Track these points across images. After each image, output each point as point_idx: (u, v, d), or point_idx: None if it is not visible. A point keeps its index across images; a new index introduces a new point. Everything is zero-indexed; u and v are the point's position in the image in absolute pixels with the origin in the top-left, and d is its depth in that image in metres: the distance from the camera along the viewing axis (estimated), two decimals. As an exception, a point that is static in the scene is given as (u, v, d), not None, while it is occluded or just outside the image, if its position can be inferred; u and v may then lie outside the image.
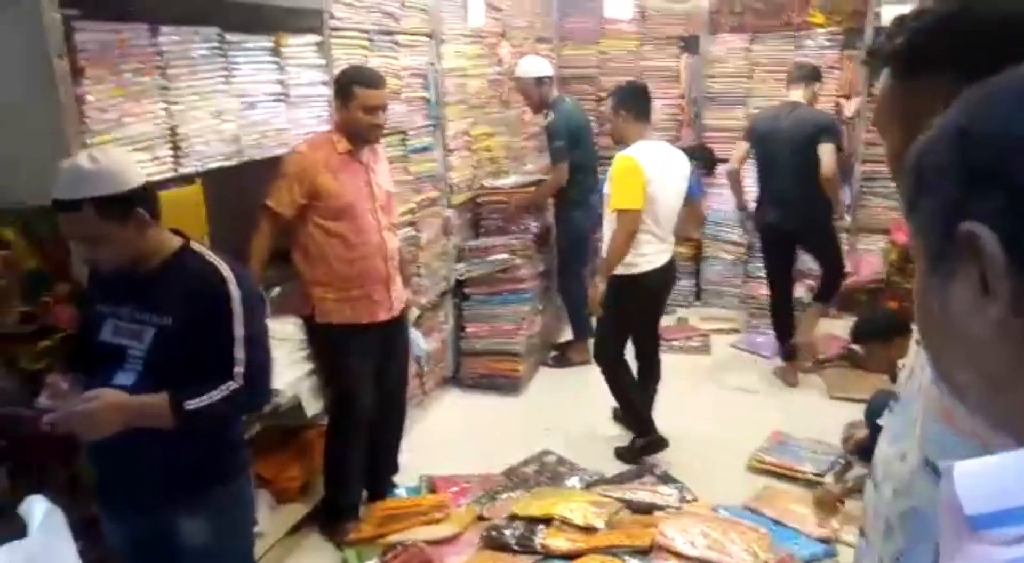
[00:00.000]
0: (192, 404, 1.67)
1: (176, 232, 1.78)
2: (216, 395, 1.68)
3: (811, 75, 4.34)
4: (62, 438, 1.93)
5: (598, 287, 3.44)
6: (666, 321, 5.42)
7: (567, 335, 4.97)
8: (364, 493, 3.19)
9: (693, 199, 4.28)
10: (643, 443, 3.67)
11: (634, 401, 3.72)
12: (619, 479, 3.38)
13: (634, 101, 3.47)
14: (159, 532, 1.78)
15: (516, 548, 2.72)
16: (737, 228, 5.54)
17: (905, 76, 0.91)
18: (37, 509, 1.53)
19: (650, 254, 3.43)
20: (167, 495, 1.76)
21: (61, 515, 1.58)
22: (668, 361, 4.80)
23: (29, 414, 1.62)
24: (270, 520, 2.90)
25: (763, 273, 4.82)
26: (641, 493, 3.16)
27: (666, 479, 3.34)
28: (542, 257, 4.69)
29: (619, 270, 3.39)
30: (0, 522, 1.64)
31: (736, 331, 5.33)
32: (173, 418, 1.66)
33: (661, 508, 3.03)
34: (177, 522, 1.78)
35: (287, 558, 2.89)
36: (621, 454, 3.69)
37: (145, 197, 1.68)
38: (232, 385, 1.69)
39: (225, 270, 1.74)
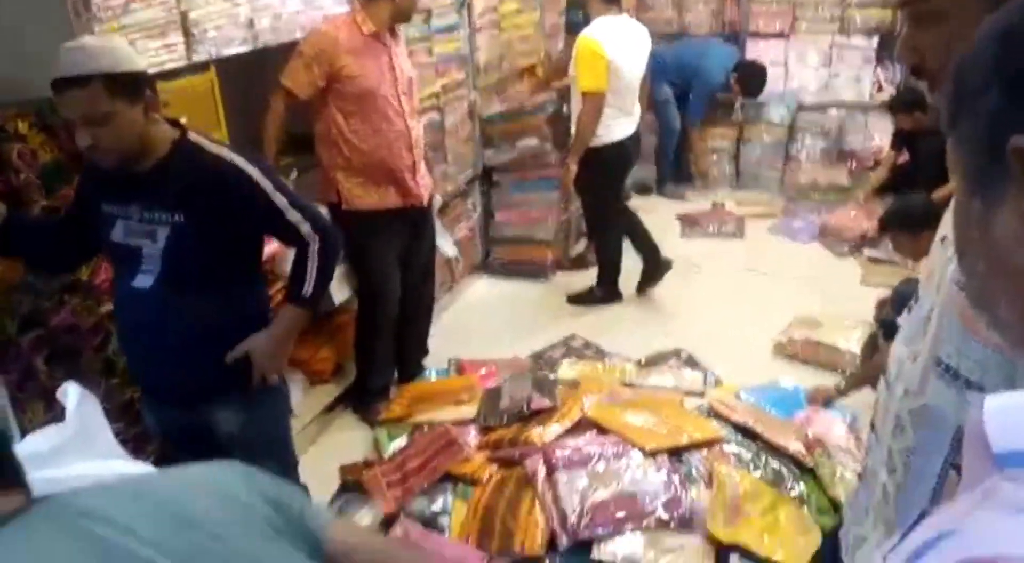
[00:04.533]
0: (308, 289, 1.74)
1: (173, 123, 1.72)
2: (312, 265, 1.74)
3: None
4: (93, 326, 2.02)
5: (571, 168, 3.76)
6: (700, 206, 5.38)
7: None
8: (395, 374, 3.30)
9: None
10: (601, 294, 4.08)
11: (613, 269, 4.06)
12: (646, 362, 3.41)
13: None
14: (197, 423, 1.83)
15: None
16: (781, 108, 5.32)
17: None
18: (72, 394, 1.61)
19: (614, 126, 3.69)
20: (204, 389, 1.80)
21: (95, 400, 1.65)
22: (700, 247, 4.80)
23: None
24: (304, 401, 3.03)
25: (805, 155, 4.70)
26: (667, 377, 3.20)
27: (691, 363, 3.36)
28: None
29: (588, 144, 3.66)
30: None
31: (773, 216, 5.21)
32: (308, 313, 1.79)
33: (687, 393, 3.07)
34: (215, 414, 1.83)
35: (321, 436, 3.03)
36: (575, 298, 4.10)
37: (152, 82, 1.64)
38: (313, 246, 1.75)
39: (229, 155, 1.71)
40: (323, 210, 2.82)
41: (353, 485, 2.70)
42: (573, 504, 2.18)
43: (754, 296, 4.09)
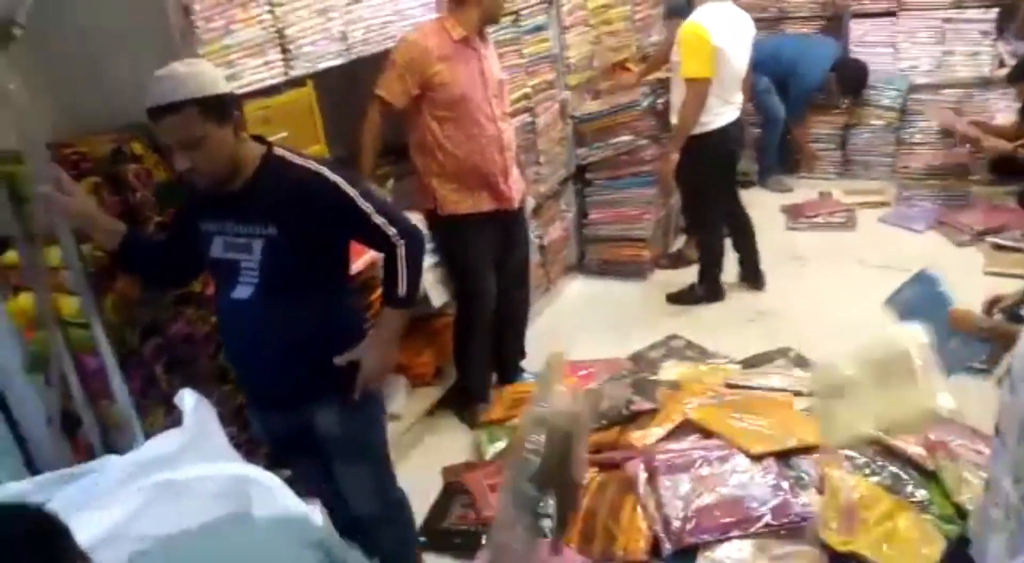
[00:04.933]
0: (402, 289, 1.82)
1: (258, 139, 1.78)
2: (401, 266, 1.81)
3: None
4: (207, 335, 2.12)
5: (671, 158, 3.64)
6: (807, 195, 5.15)
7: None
8: (494, 377, 3.31)
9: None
10: (702, 293, 3.95)
11: (715, 266, 3.95)
12: (751, 362, 3.29)
13: None
14: (299, 425, 1.90)
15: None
16: (891, 90, 5.03)
17: None
18: (189, 400, 1.69)
19: (717, 114, 3.60)
20: (303, 391, 1.86)
21: (209, 405, 1.74)
22: (808, 239, 4.60)
23: None
24: (407, 404, 3.09)
25: (918, 138, 4.39)
26: (774, 378, 3.07)
27: (800, 362, 3.22)
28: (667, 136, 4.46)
29: (691, 132, 3.57)
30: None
31: (885, 204, 4.93)
32: (405, 313, 1.88)
33: (796, 394, 2.93)
34: (314, 416, 1.89)
35: (423, 439, 3.07)
36: (675, 297, 4.00)
37: (238, 103, 1.71)
38: (400, 250, 1.81)
39: (315, 166, 1.76)
40: (419, 217, 2.89)
41: (456, 487, 2.73)
42: (677, 509, 2.13)
43: (867, 290, 3.86)
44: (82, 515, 1.36)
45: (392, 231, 1.79)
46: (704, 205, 3.90)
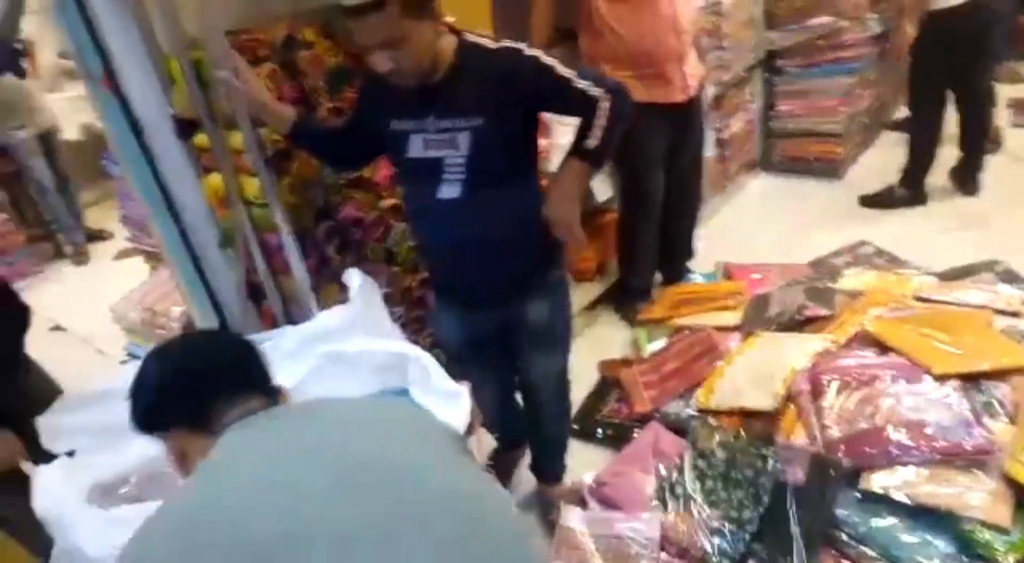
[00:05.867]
0: (592, 141, 1.67)
1: (446, 27, 1.67)
2: (599, 120, 1.66)
3: None
4: (376, 219, 2.21)
5: (907, 31, 3.26)
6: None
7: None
8: (659, 276, 3.23)
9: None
10: (904, 194, 3.60)
11: (925, 161, 3.57)
12: (950, 274, 2.95)
13: None
14: (511, 319, 1.91)
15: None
16: None
17: None
18: (355, 279, 1.79)
19: None
20: (520, 283, 1.85)
21: (374, 285, 1.83)
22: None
23: None
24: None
25: None
26: (975, 293, 2.74)
27: (1009, 276, 2.84)
28: (878, 17, 3.95)
29: (931, 5, 3.18)
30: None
31: None
32: (592, 166, 1.73)
33: (998, 312, 2.61)
34: (527, 306, 1.88)
35: (583, 332, 3.09)
36: (870, 199, 3.69)
37: None
38: (604, 103, 1.65)
39: (512, 44, 1.67)
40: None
41: (612, 381, 2.74)
42: (842, 429, 2.00)
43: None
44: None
45: (597, 91, 1.66)
46: (929, 87, 3.43)
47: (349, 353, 1.68)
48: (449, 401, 1.58)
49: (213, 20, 1.71)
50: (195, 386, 1.07)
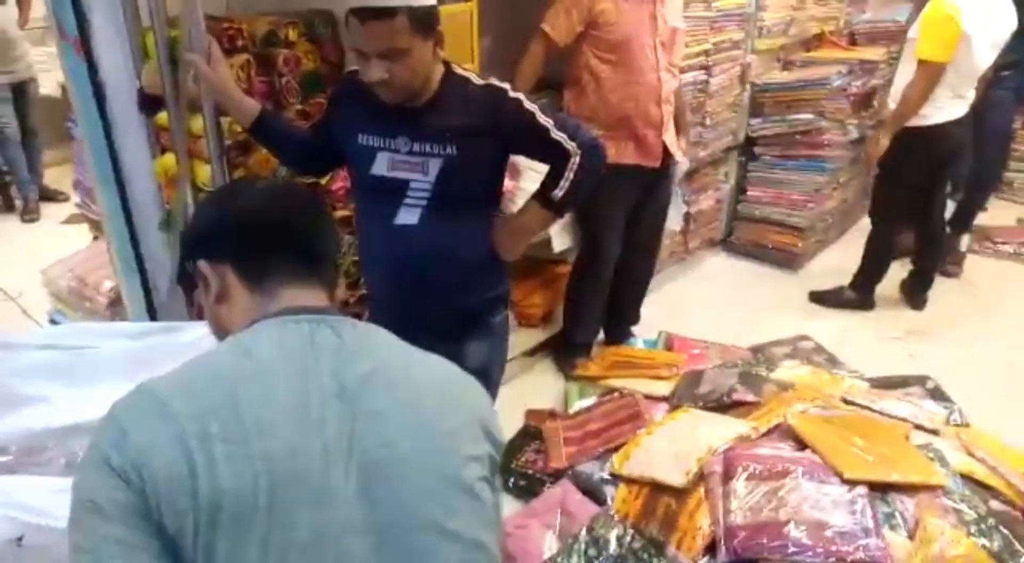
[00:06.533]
0: (559, 192, 1.70)
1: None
2: (569, 173, 1.69)
3: None
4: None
5: (881, 142, 3.29)
6: (1000, 220, 4.58)
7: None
8: (602, 334, 3.24)
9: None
10: (852, 297, 3.66)
11: (878, 270, 3.66)
12: (881, 383, 3.00)
13: None
14: (450, 355, 1.87)
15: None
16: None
17: None
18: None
19: (945, 106, 3.21)
20: (468, 318, 1.82)
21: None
22: (988, 266, 4.11)
23: None
24: (510, 339, 3.08)
25: None
26: (901, 405, 2.78)
27: (937, 395, 2.90)
28: (858, 123, 4.08)
29: (908, 122, 3.23)
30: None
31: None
32: (554, 214, 1.79)
33: (918, 427, 2.64)
34: (468, 345, 1.81)
35: (517, 377, 3.07)
36: (819, 296, 3.74)
37: (439, 17, 1.61)
38: (575, 158, 1.68)
39: (497, 82, 1.68)
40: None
41: (534, 431, 2.72)
42: (745, 517, 1.99)
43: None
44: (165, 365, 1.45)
45: (571, 145, 1.68)
46: (892, 201, 3.51)
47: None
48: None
49: (192, 2, 1.69)
50: (264, 231, 0.98)
